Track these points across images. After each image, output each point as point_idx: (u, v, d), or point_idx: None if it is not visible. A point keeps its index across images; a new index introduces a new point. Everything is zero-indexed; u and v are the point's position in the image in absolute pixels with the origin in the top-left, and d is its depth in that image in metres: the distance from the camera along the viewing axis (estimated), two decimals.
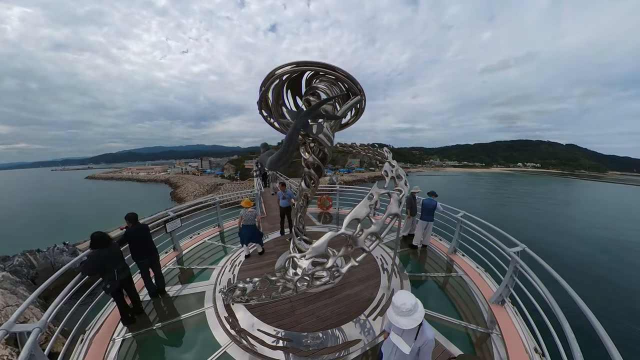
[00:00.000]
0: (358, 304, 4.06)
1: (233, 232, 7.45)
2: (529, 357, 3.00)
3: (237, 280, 4.82)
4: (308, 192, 4.72)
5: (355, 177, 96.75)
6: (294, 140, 3.69)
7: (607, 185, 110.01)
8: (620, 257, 22.70)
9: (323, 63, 3.60)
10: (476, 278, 4.77)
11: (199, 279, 4.91)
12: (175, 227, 5.75)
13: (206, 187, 73.18)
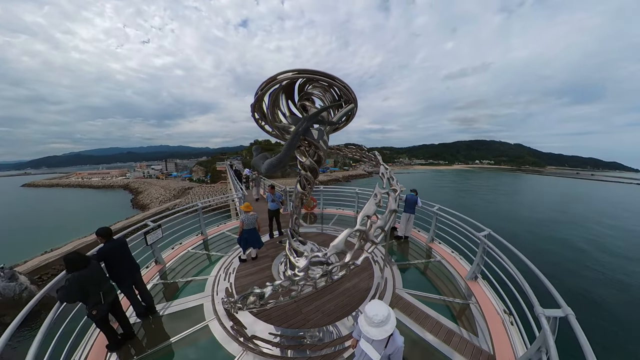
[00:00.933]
0: (358, 295, 4.44)
1: (217, 239, 7.16)
2: (501, 318, 3.78)
3: (234, 287, 4.72)
4: (304, 194, 4.84)
5: (330, 177, 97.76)
6: (295, 144, 3.93)
7: (546, 178, 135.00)
8: (554, 232, 30.47)
9: (324, 72, 3.75)
10: (452, 261, 5.56)
11: (190, 292, 4.61)
12: (157, 239, 5.33)
13: (173, 191, 67.85)
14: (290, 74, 3.62)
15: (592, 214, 41.18)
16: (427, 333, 3.53)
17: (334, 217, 9.32)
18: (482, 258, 4.56)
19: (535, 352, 2.58)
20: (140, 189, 77.27)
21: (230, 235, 7.52)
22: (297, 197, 4.88)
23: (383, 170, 4.05)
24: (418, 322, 3.74)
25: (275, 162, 4.00)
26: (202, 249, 6.46)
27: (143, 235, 4.97)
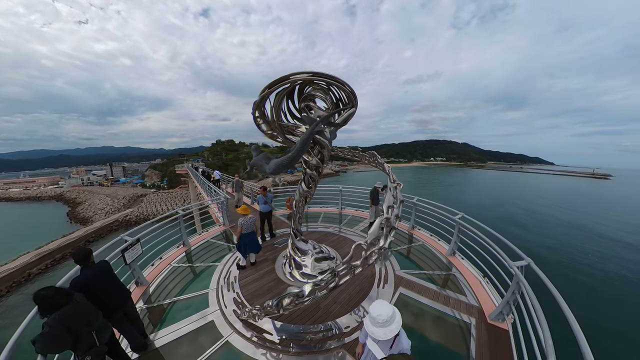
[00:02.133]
0: (367, 281, 4.83)
1: (202, 249, 6.54)
2: (479, 280, 4.78)
3: (243, 297, 4.49)
4: (309, 194, 4.92)
5: (298, 177, 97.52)
6: (309, 143, 3.96)
7: (487, 171, 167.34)
8: (492, 212, 40.18)
9: (336, 77, 3.82)
10: (433, 243, 6.54)
11: (191, 311, 4.11)
12: (136, 256, 4.59)
13: (122, 200, 59.59)
14: (305, 75, 3.62)
15: (516, 199, 54.35)
16: (430, 300, 4.25)
17: (320, 215, 9.40)
18: (458, 236, 5.58)
19: (511, 295, 3.41)
20: (80, 199, 66.32)
21: (215, 242, 6.98)
22: (302, 195, 4.93)
23: (388, 169, 4.41)
24: (420, 293, 4.44)
25: (287, 161, 3.95)
26: (187, 261, 5.80)
27: (120, 253, 4.24)
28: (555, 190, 72.43)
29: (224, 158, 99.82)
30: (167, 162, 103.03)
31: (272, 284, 4.87)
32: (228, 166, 78.57)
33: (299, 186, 4.97)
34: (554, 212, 42.04)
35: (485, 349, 3.23)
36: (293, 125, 4.59)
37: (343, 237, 7.18)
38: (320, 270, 4.93)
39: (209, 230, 7.73)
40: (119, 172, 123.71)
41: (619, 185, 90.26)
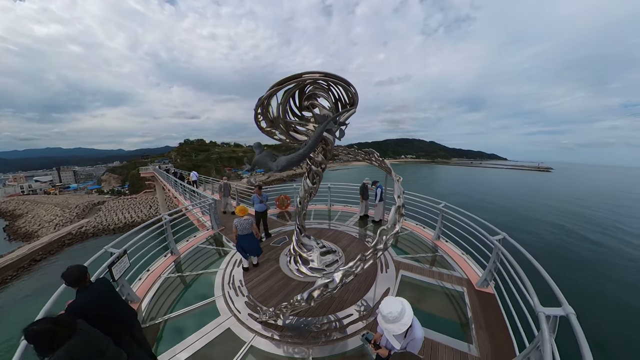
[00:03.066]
0: (370, 269, 4.93)
1: (192, 255, 6.06)
2: (463, 258, 5.56)
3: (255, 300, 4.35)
4: (314, 190, 5.10)
5: (274, 177, 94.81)
6: (319, 140, 4.02)
7: (452, 167, 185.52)
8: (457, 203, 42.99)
9: (345, 79, 3.96)
10: (420, 231, 7.32)
11: (198, 323, 3.80)
12: (124, 269, 4.05)
13: (75, 210, 51.73)
14: (318, 75, 3.67)
15: (470, 191, 60.25)
16: (427, 277, 4.91)
17: (311, 213, 9.49)
18: (442, 223, 6.45)
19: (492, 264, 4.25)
20: (20, 210, 56.31)
21: (206, 248, 6.53)
22: (307, 192, 5.02)
23: (387, 164, 4.69)
24: (418, 273, 5.07)
25: (297, 158, 3.96)
26: (178, 271, 5.31)
27: (107, 268, 3.69)
28: (508, 182, 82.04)
29: (194, 159, 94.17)
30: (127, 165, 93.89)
31: (281, 283, 4.83)
32: (199, 167, 74.05)
33: (304, 182, 5.03)
34: (503, 201, 45.90)
35: (478, 310, 3.95)
36: (299, 122, 4.59)
37: (338, 232, 7.44)
38: (327, 263, 5.23)
39: (197, 236, 7.17)
40: (69, 177, 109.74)
41: (557, 177, 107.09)
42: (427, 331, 3.44)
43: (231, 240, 6.89)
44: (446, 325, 3.66)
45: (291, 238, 6.96)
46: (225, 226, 8.06)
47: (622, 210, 39.27)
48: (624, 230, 28.15)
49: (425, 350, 3.28)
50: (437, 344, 3.36)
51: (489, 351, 3.22)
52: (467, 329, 3.62)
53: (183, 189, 13.93)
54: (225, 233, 7.51)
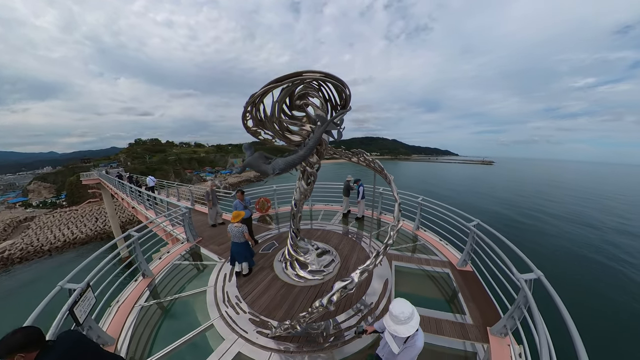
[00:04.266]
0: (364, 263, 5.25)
1: (169, 275, 5.28)
2: (441, 244, 6.27)
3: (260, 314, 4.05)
4: (308, 191, 5.01)
5: (241, 178, 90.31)
6: (318, 142, 3.95)
7: (413, 163, 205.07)
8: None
9: (344, 82, 3.89)
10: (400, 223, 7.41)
11: (198, 355, 3.30)
12: (90, 307, 3.28)
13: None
14: (318, 75, 3.53)
15: (431, 186, 65.93)
16: (416, 264, 5.42)
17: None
18: (420, 215, 7.16)
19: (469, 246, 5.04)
20: None
21: (185, 264, 5.79)
22: (303, 194, 4.91)
23: (377, 164, 4.91)
24: (406, 262, 5.53)
25: (297, 160, 3.89)
26: (155, 297, 4.52)
27: (67, 311, 2.91)
28: (459, 174, 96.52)
29: (149, 161, 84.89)
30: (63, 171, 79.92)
31: (283, 291, 4.57)
32: (154, 171, 66.84)
33: (299, 184, 4.89)
34: (450, 193, 51.75)
35: (463, 286, 4.62)
36: (294, 122, 4.35)
37: (327, 231, 7.46)
38: (325, 264, 5.20)
39: (171, 252, 6.31)
40: None
41: (498, 169, 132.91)
42: (429, 311, 3.98)
43: (214, 252, 6.30)
44: (441, 303, 4.23)
45: (280, 243, 6.72)
46: (202, 236, 7.30)
47: (545, 195, 49.44)
48: (546, 212, 34.93)
49: (432, 327, 3.67)
50: (440, 320, 3.80)
51: (479, 318, 3.83)
52: (458, 303, 4.19)
53: (145, 198, 12.24)
54: (205, 245, 6.81)
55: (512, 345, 3.21)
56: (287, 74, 3.44)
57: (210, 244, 6.84)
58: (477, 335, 3.49)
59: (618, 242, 23.66)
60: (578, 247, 22.59)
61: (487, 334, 3.47)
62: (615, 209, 38.28)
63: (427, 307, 4.05)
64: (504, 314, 3.42)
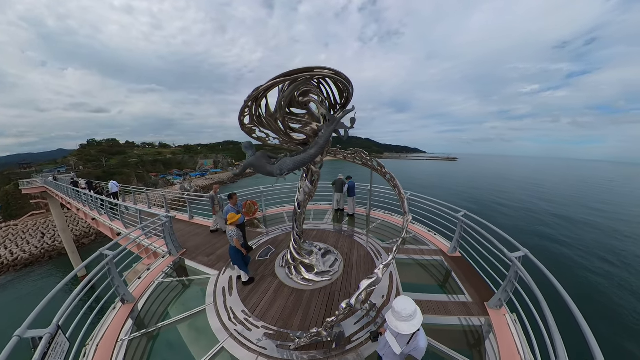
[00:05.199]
0: (368, 260, 5.66)
1: (154, 300, 4.58)
2: (430, 234, 6.88)
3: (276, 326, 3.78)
4: (313, 192, 4.91)
5: (213, 180, 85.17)
6: (327, 141, 3.83)
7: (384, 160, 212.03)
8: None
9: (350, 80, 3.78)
10: (388, 218, 8.53)
11: None
12: (64, 355, 2.63)
13: None
14: (329, 72, 3.39)
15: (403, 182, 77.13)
16: (413, 255, 5.78)
17: (283, 215, 9.06)
18: (409, 208, 7.33)
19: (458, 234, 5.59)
20: None
21: (171, 282, 5.15)
22: (307, 194, 4.81)
23: (376, 162, 5.07)
24: (404, 254, 5.85)
25: (307, 159, 3.72)
26: (141, 326, 3.85)
27: None
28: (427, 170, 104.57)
29: (105, 164, 76.40)
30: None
31: (293, 298, 4.33)
32: (113, 175, 60.25)
33: (304, 184, 4.74)
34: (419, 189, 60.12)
35: (456, 270, 5.09)
36: (300, 120, 4.15)
37: (322, 231, 7.38)
38: (330, 264, 5.15)
39: (152, 269, 5.56)
40: None
41: (461, 165, 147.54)
42: (434, 296, 4.36)
43: (204, 265, 5.71)
44: (442, 288, 4.68)
45: (276, 247, 6.44)
46: (186, 247, 6.59)
47: (499, 187, 56.50)
48: (500, 203, 39.38)
49: (439, 309, 4.02)
50: (445, 302, 4.19)
51: (476, 295, 4.31)
52: (456, 286, 4.63)
53: (108, 207, 10.70)
54: (191, 257, 6.18)
55: (507, 314, 3.77)
56: (297, 69, 3.23)
57: (198, 256, 6.21)
58: (477, 311, 3.97)
59: (548, 221, 29.05)
60: (523, 228, 26.67)
61: (486, 308, 3.98)
62: (545, 194, 47.95)
63: (431, 292, 4.46)
64: (496, 290, 4.02)
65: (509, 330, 3.49)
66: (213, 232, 7.85)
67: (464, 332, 3.65)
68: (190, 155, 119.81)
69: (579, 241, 23.03)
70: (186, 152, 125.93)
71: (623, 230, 26.00)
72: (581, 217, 30.84)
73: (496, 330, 3.48)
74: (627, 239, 23.74)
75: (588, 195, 48.32)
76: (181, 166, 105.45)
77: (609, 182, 73.63)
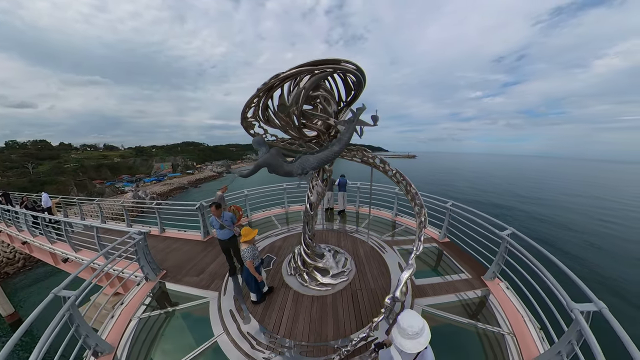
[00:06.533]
0: (374, 255, 5.80)
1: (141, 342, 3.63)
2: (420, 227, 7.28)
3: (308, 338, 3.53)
4: (325, 191, 4.77)
5: (172, 185, 76.12)
6: (350, 138, 3.68)
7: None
8: None
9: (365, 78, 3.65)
10: (377, 212, 8.81)
11: None
12: None
13: None
14: (352, 67, 3.24)
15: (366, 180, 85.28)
16: (407, 245, 6.22)
17: (271, 219, 8.61)
18: (397, 203, 8.26)
19: (447, 222, 6.38)
20: None
21: (157, 315, 4.18)
22: (320, 194, 4.64)
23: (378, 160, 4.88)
24: (401, 244, 6.25)
25: (332, 156, 3.54)
26: None
27: None
28: None
29: (33, 172, 64.03)
30: None
31: (317, 306, 4.09)
32: (44, 184, 50.67)
33: (316, 184, 4.56)
34: None
35: (450, 254, 5.67)
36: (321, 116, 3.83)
37: (319, 230, 7.26)
38: (342, 265, 5.08)
39: (126, 303, 4.39)
40: None
41: (420, 162, 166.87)
42: (443, 278, 4.81)
43: (194, 286, 4.90)
44: (444, 270, 5.16)
45: (277, 254, 6.01)
46: (166, 268, 5.54)
47: (451, 182, 63.97)
48: (453, 197, 46.64)
49: (450, 289, 4.50)
50: (453, 282, 4.71)
51: (472, 272, 4.96)
52: (455, 267, 5.20)
53: (43, 225, 8.56)
54: (174, 279, 5.16)
55: (501, 283, 4.53)
56: (324, 59, 3.01)
57: (184, 276, 5.22)
58: (477, 284, 4.60)
59: (475, 205, 36.36)
60: None
61: (483, 281, 4.64)
62: (478, 185, 58.02)
63: (433, 276, 4.95)
64: (489, 265, 4.75)
65: (505, 295, 4.22)
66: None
67: (470, 303, 4.19)
68: (143, 158, 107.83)
69: (516, 220, 28.49)
70: (138, 155, 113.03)
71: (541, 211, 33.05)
72: (516, 204, 37.04)
73: (495, 296, 4.19)
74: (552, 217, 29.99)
75: (520, 184, 59.08)
76: (133, 171, 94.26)
77: (537, 173, 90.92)
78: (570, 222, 27.60)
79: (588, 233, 23.98)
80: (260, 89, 3.04)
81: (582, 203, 38.23)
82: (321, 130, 3.96)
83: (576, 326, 2.51)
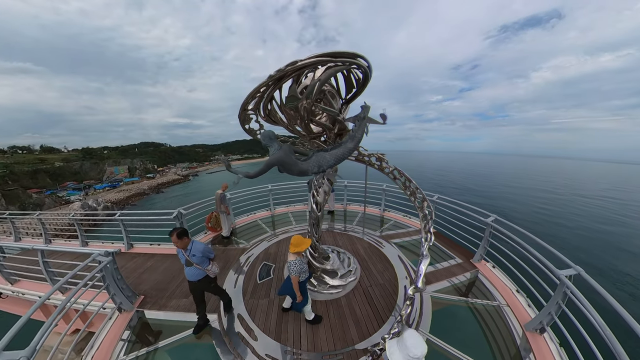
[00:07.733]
0: (376, 253, 5.80)
1: None
2: (405, 218, 7.98)
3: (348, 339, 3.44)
4: (330, 192, 4.68)
5: (130, 192, 64.77)
6: (363, 134, 3.62)
7: None
8: None
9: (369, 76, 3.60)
10: (368, 210, 8.76)
11: None
12: None
13: None
14: (365, 63, 3.13)
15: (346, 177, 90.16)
16: (401, 238, 6.53)
17: (257, 223, 8.11)
18: (385, 198, 8.38)
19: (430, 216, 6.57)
20: None
21: (137, 356, 3.36)
22: (327, 194, 4.53)
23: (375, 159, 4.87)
24: (396, 238, 6.56)
25: (347, 153, 3.41)
26: None
27: None
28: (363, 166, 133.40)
29: None
30: None
31: (333, 310, 3.92)
32: None
33: (323, 184, 4.44)
34: None
35: (439, 242, 6.06)
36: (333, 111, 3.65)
37: None
38: (347, 264, 5.06)
39: (95, 345, 3.45)
40: None
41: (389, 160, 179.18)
42: (440, 264, 5.22)
43: (184, 310, 4.16)
44: (439, 258, 5.52)
45: (275, 261, 5.62)
46: (142, 292, 4.58)
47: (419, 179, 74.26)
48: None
49: (448, 274, 4.86)
50: (449, 268, 5.08)
51: (462, 256, 5.45)
52: (447, 254, 5.63)
53: None
54: (156, 305, 4.28)
55: (487, 264, 5.07)
56: (345, 51, 2.92)
57: (169, 300, 4.36)
58: (469, 267, 5.10)
59: None
60: None
61: (473, 264, 5.16)
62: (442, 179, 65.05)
63: (433, 264, 5.26)
64: (476, 249, 5.29)
65: (493, 273, 4.83)
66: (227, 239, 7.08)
67: (468, 283, 4.67)
68: (93, 162, 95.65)
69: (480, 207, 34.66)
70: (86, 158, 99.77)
71: None
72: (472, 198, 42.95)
73: (486, 275, 4.78)
74: None
75: (472, 179, 68.45)
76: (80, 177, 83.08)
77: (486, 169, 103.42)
78: (511, 209, 33.47)
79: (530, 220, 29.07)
80: (272, 76, 2.70)
81: (519, 193, 47.20)
82: (327, 127, 3.86)
83: (562, 288, 2.96)
